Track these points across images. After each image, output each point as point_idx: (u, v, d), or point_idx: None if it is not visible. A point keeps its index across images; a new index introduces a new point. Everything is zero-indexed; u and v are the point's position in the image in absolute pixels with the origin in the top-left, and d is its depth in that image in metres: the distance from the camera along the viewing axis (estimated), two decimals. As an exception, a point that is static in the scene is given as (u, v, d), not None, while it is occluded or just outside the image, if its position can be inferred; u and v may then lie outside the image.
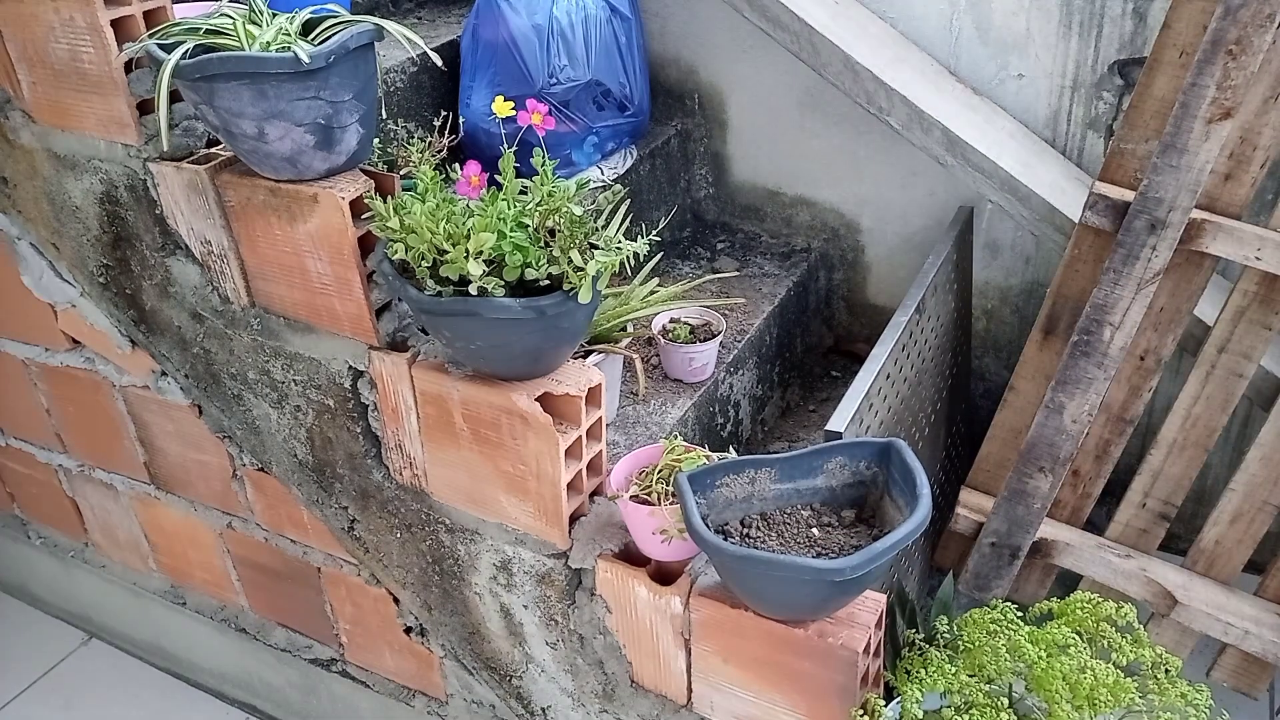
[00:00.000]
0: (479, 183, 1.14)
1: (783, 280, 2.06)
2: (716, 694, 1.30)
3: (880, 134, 1.98)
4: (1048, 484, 1.68)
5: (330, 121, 1.22)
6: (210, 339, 1.52)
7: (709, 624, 1.24)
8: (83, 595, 2.25)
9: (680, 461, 1.25)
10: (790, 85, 2.06)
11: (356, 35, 1.20)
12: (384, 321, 1.35)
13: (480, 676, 1.61)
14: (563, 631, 1.42)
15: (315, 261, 1.32)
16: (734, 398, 1.87)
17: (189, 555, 1.95)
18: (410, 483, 1.44)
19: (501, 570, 1.43)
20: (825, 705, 1.20)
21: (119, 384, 1.74)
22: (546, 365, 1.25)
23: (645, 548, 1.27)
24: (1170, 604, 1.70)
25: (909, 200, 2.05)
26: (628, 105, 1.93)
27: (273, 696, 2.05)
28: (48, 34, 1.35)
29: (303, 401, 1.48)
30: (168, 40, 1.21)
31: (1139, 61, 1.73)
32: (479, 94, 1.81)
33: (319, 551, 1.71)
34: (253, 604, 1.94)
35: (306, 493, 1.59)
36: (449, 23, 2.07)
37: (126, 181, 1.43)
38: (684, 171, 2.22)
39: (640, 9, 1.97)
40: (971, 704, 1.17)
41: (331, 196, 1.24)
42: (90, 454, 1.94)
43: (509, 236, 1.12)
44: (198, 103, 1.22)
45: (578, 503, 1.32)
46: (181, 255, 1.46)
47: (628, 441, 1.61)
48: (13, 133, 1.51)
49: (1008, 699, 1.19)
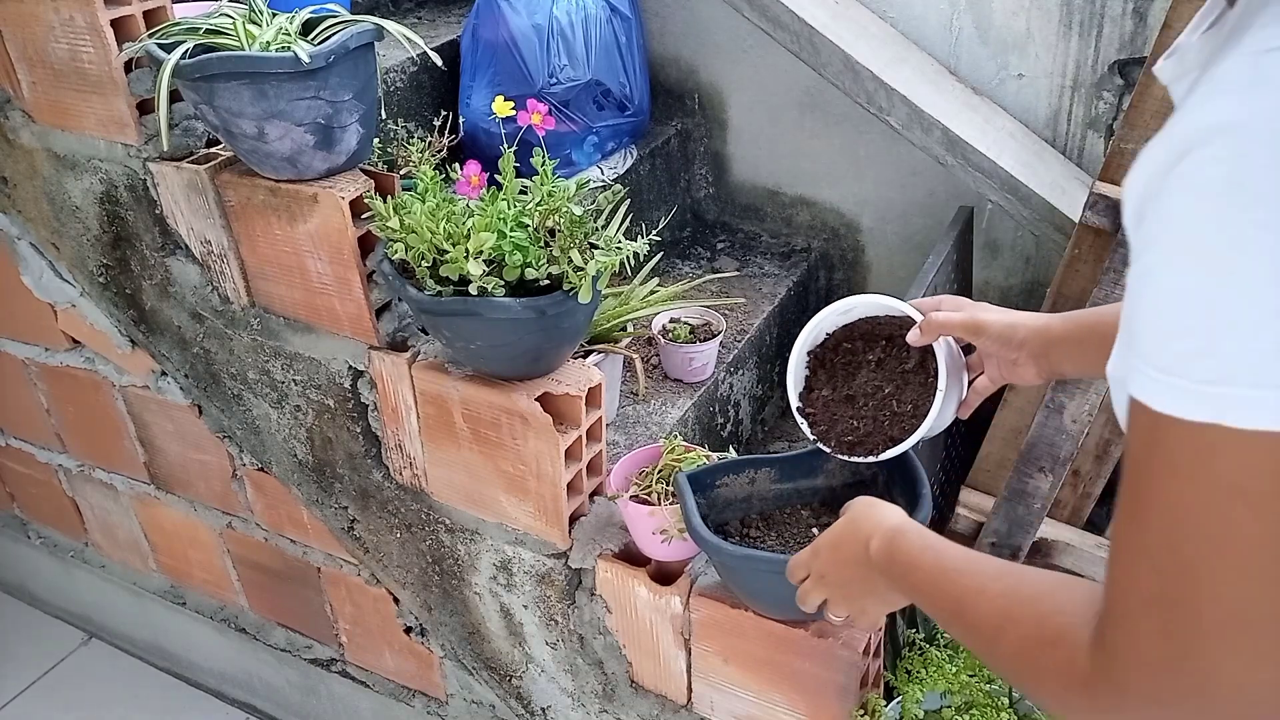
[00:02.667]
0: (479, 182, 1.14)
1: (783, 280, 2.06)
2: (716, 694, 1.30)
3: (880, 134, 1.98)
4: (1048, 484, 1.68)
5: (330, 121, 1.22)
6: (210, 339, 1.52)
7: (709, 624, 1.24)
8: (83, 595, 2.24)
9: (680, 461, 1.25)
10: (790, 85, 2.05)
11: (356, 35, 1.20)
12: (384, 321, 1.34)
13: (480, 676, 1.61)
14: (563, 631, 1.42)
15: (315, 261, 1.32)
16: (734, 397, 1.87)
17: (189, 555, 1.95)
18: (410, 483, 1.44)
19: (501, 570, 1.43)
20: (825, 705, 1.20)
21: (119, 384, 1.74)
22: (546, 365, 1.24)
23: (645, 548, 1.27)
24: (1170, 604, 1.70)
25: (909, 200, 2.05)
26: (628, 105, 1.93)
27: (273, 696, 2.05)
28: (48, 34, 1.34)
29: (303, 401, 1.48)
30: (168, 40, 1.21)
31: (1139, 61, 1.73)
32: (479, 94, 1.81)
33: (319, 551, 1.71)
34: (253, 604, 1.94)
35: (306, 493, 1.59)
36: (449, 23, 2.07)
37: (126, 181, 1.43)
38: (684, 171, 2.22)
39: (640, 9, 1.97)
40: (972, 704, 1.18)
41: (331, 196, 1.24)
42: (90, 454, 1.94)
43: (509, 236, 1.12)
44: (198, 102, 1.22)
45: (577, 503, 1.32)
46: (181, 255, 1.46)
47: (628, 441, 1.61)
48: (13, 132, 1.51)
49: (1008, 699, 1.19)
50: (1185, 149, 0.48)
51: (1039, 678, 0.63)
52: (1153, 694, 0.55)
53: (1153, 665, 0.55)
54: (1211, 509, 0.50)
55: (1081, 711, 0.61)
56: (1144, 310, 0.52)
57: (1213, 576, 0.51)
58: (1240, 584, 0.51)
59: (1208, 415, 0.49)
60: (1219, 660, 0.52)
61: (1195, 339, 0.49)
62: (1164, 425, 0.51)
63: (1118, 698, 0.57)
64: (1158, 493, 0.53)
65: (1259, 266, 0.46)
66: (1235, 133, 0.46)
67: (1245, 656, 0.51)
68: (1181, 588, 0.52)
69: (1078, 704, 0.60)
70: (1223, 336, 0.48)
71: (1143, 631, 0.55)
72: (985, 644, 0.69)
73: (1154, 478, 0.53)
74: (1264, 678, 0.51)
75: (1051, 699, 0.63)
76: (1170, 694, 0.54)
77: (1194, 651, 0.53)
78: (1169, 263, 0.50)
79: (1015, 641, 0.65)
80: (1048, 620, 0.63)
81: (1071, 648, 0.60)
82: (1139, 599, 0.55)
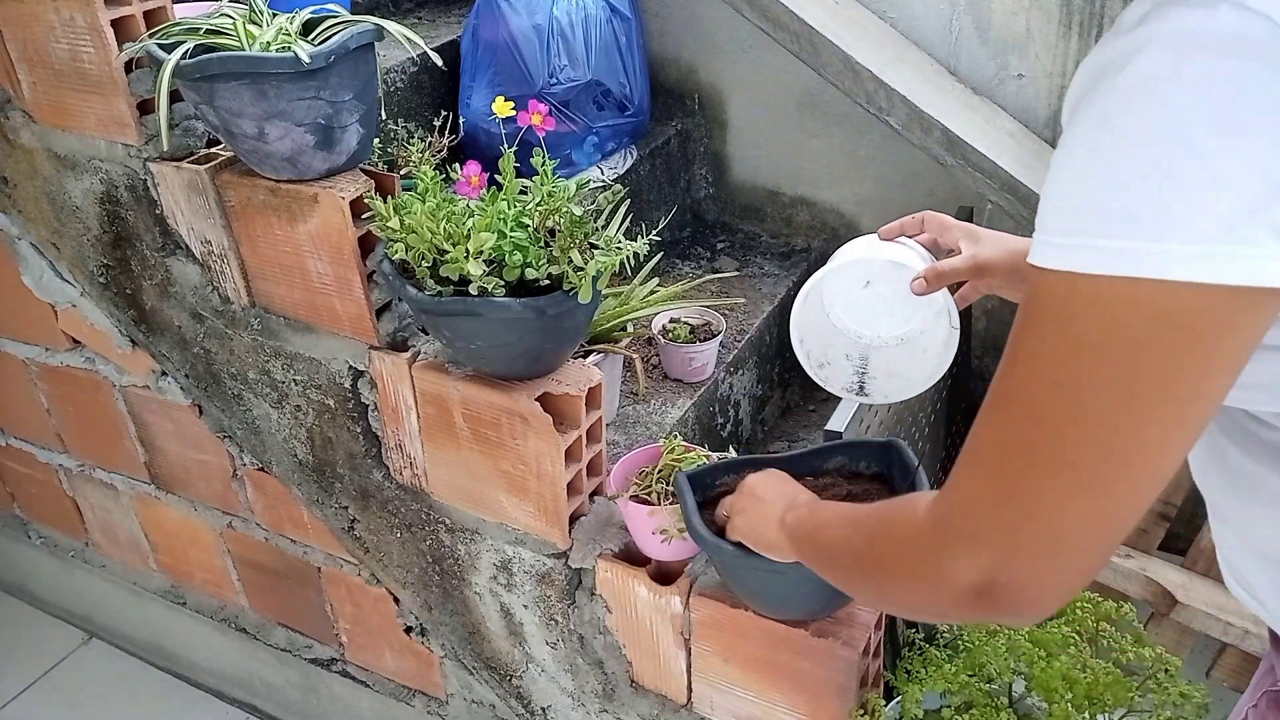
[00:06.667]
0: (479, 183, 1.14)
1: (783, 280, 2.06)
2: (716, 694, 1.30)
3: (880, 134, 1.98)
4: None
5: (330, 121, 1.22)
6: (210, 339, 1.52)
7: (709, 624, 1.24)
8: (83, 595, 2.24)
9: (680, 461, 1.25)
10: (790, 85, 2.05)
11: (357, 35, 1.20)
12: (384, 321, 1.35)
13: (480, 676, 1.61)
14: (563, 631, 1.42)
15: (315, 261, 1.32)
16: (734, 397, 1.87)
17: (189, 555, 1.95)
18: (410, 482, 1.44)
19: (501, 570, 1.43)
20: (825, 705, 1.20)
21: (119, 384, 1.74)
22: (546, 365, 1.25)
23: (645, 548, 1.27)
24: (1170, 604, 1.70)
25: (909, 200, 2.05)
26: (628, 105, 1.93)
27: (273, 696, 2.05)
28: (48, 34, 1.35)
29: (303, 401, 1.48)
30: (168, 40, 1.21)
31: (1139, 61, 1.73)
32: (479, 94, 1.81)
33: (319, 551, 1.71)
34: (253, 604, 1.94)
35: (307, 492, 1.59)
36: (449, 23, 2.07)
37: (127, 181, 1.43)
38: (684, 171, 2.22)
39: (640, 9, 1.97)
40: (971, 704, 1.18)
41: (332, 196, 1.24)
42: (90, 454, 1.94)
43: (509, 236, 1.12)
44: (198, 103, 1.22)
45: (578, 502, 1.32)
46: (182, 255, 1.46)
47: (628, 441, 1.61)
48: (13, 133, 1.51)
49: (1008, 698, 1.19)
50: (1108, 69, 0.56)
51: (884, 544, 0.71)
52: (972, 527, 0.62)
53: (979, 500, 0.62)
54: (1071, 361, 0.57)
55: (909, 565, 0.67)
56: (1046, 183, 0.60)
57: (1058, 420, 0.57)
58: (1082, 429, 0.57)
59: (1064, 263, 0.56)
60: (1041, 491, 0.58)
61: (1065, 200, 0.57)
62: (1034, 279, 0.58)
63: (941, 537, 0.64)
64: (1022, 346, 0.59)
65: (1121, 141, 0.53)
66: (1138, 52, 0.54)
67: (1069, 485, 0.58)
68: (1029, 431, 0.59)
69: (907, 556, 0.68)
70: (1096, 193, 0.55)
71: (979, 473, 0.62)
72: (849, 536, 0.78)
73: (1021, 333, 0.60)
74: (1083, 507, 0.58)
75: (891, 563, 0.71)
76: (987, 526, 0.61)
77: (1019, 486, 0.59)
78: (1061, 148, 0.58)
79: (877, 518, 0.75)
80: (909, 498, 0.72)
81: (914, 508, 0.68)
82: (986, 445, 0.62)
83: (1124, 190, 0.53)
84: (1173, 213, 0.52)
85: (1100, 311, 0.55)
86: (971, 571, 0.61)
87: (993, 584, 0.61)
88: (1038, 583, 0.60)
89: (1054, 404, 0.58)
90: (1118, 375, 0.55)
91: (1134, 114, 0.53)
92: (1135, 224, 0.53)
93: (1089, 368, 0.56)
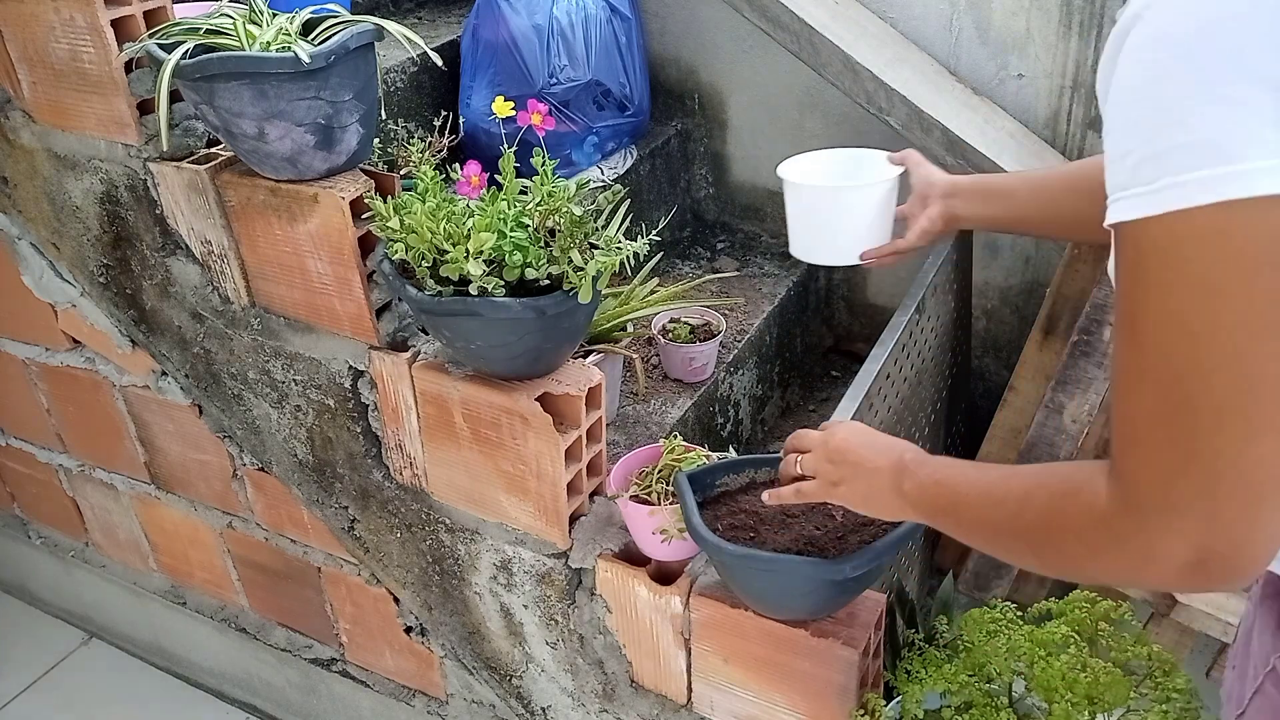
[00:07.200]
0: (479, 183, 1.14)
1: (783, 280, 2.06)
2: (716, 694, 1.30)
3: (880, 134, 1.98)
4: (1047, 484, 1.68)
5: (330, 121, 1.22)
6: (210, 339, 1.52)
7: (709, 624, 1.24)
8: (83, 595, 2.25)
9: (680, 461, 1.25)
10: (790, 85, 2.05)
11: (357, 35, 1.20)
12: (384, 321, 1.35)
13: (480, 676, 1.61)
14: (563, 631, 1.42)
15: (315, 261, 1.32)
16: (734, 397, 1.87)
17: (189, 555, 1.95)
18: (410, 482, 1.44)
19: (501, 570, 1.43)
20: (825, 705, 1.20)
21: (119, 384, 1.74)
22: (546, 365, 1.25)
23: (645, 548, 1.27)
24: (1170, 604, 1.70)
25: (909, 200, 2.05)
26: (628, 105, 1.93)
27: (273, 696, 2.05)
28: (48, 34, 1.35)
29: (303, 401, 1.48)
30: (168, 40, 1.21)
31: (1139, 61, 1.73)
32: (479, 94, 1.82)
33: (319, 551, 1.71)
34: (253, 604, 1.94)
35: (307, 492, 1.59)
36: (449, 23, 2.07)
37: (127, 181, 1.44)
38: (684, 171, 2.22)
39: (640, 9, 1.97)
40: (971, 704, 1.18)
41: (332, 196, 1.24)
42: (90, 454, 1.94)
43: (509, 236, 1.12)
44: (198, 103, 1.22)
45: (578, 502, 1.32)
46: (182, 255, 1.46)
47: (628, 441, 1.61)
48: (13, 133, 1.51)
49: (1008, 699, 1.19)
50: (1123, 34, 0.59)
51: (1064, 529, 0.68)
52: (1166, 503, 0.60)
53: (1163, 473, 0.60)
54: (1189, 306, 0.57)
55: (1108, 549, 0.65)
56: (1105, 155, 0.61)
57: (1201, 370, 0.57)
58: (1227, 370, 0.56)
59: (1155, 207, 0.56)
60: (1219, 447, 0.58)
61: (1138, 151, 0.58)
62: (1129, 239, 0.59)
63: (1137, 518, 0.62)
64: (1138, 309, 0.59)
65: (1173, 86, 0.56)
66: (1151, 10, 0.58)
67: (1240, 431, 0.57)
68: (1179, 391, 0.58)
69: (1103, 541, 0.65)
70: (1158, 140, 0.56)
71: (1150, 447, 0.60)
72: (1010, 516, 0.74)
73: (1130, 298, 0.60)
74: (1264, 447, 0.57)
75: (1079, 545, 0.67)
76: (1182, 497, 0.59)
77: (1196, 448, 0.58)
78: (1116, 107, 0.59)
79: (1043, 501, 0.70)
80: (1070, 478, 0.69)
81: (1091, 492, 0.65)
82: (1144, 419, 0.60)
83: (1187, 129, 0.55)
84: (1240, 134, 0.53)
85: (1204, 246, 0.55)
86: (1182, 549, 0.60)
87: (1207, 555, 0.59)
88: (1249, 537, 0.59)
89: (1191, 354, 0.57)
90: (1239, 305, 0.55)
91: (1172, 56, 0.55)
92: (1209, 153, 0.54)
93: (1210, 305, 0.56)
